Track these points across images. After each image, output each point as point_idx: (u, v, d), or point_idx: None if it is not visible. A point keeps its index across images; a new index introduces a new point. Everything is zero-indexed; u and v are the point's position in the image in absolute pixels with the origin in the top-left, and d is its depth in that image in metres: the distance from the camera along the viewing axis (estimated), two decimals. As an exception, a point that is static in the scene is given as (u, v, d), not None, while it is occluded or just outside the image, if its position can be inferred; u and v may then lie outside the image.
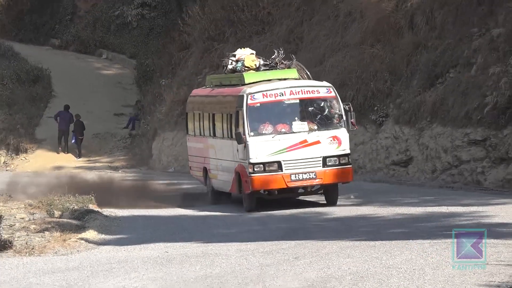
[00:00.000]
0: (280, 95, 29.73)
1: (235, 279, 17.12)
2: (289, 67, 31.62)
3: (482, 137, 34.56)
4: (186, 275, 17.81)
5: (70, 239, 26.00)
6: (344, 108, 29.84)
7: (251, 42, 47.21)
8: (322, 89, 30.21)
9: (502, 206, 27.48)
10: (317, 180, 29.54)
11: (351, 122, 29.81)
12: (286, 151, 29.30)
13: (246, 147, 29.22)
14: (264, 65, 31.43)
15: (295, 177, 29.27)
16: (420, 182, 35.73)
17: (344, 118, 29.71)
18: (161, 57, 58.06)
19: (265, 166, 29.21)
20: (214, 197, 32.37)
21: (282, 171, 29.23)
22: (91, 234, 26.63)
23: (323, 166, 29.36)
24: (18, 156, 52.89)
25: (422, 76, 38.62)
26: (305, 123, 29.75)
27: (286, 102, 29.88)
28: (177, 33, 55.57)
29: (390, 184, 34.13)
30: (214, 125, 31.43)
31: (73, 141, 52.98)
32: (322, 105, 30.16)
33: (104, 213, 29.93)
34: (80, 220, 28.66)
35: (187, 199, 33.92)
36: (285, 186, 29.58)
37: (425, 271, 17.21)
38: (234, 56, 32.04)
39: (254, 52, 32.49)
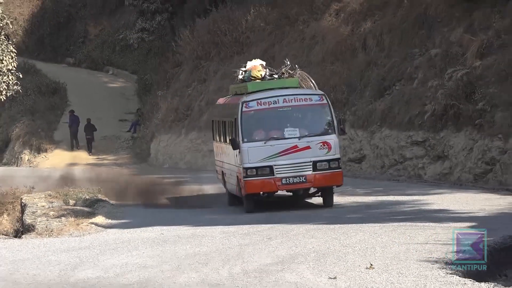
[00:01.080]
0: (273, 103, 27.45)
1: (219, 256, 17.10)
2: (292, 77, 29.12)
3: (422, 138, 34.58)
4: (179, 253, 17.78)
5: (82, 223, 25.98)
6: (335, 115, 27.59)
7: (232, 61, 47.24)
8: (315, 97, 27.78)
9: (438, 196, 27.54)
10: (307, 183, 26.96)
11: (341, 128, 27.50)
12: (278, 156, 26.97)
13: (240, 152, 27.10)
14: (270, 75, 29.01)
15: (286, 181, 26.82)
16: (372, 176, 35.74)
17: (336, 124, 27.28)
18: (158, 73, 57.98)
19: (258, 170, 26.93)
20: (230, 200, 30.14)
21: (273, 175, 26.88)
22: (100, 219, 26.59)
23: (314, 170, 26.76)
24: (39, 155, 52.72)
25: (373, 88, 38.65)
26: (297, 129, 27.31)
27: (279, 109, 27.46)
28: (171, 53, 55.51)
29: (347, 178, 34.02)
30: (225, 131, 29.66)
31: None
32: (314, 112, 27.85)
33: (111, 202, 29.87)
34: (90, 208, 28.63)
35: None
36: (276, 190, 27.32)
37: (376, 249, 17.21)
38: (245, 67, 29.78)
39: (263, 63, 30.11)
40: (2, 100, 23.27)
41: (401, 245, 17.59)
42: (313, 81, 29.66)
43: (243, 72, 29.26)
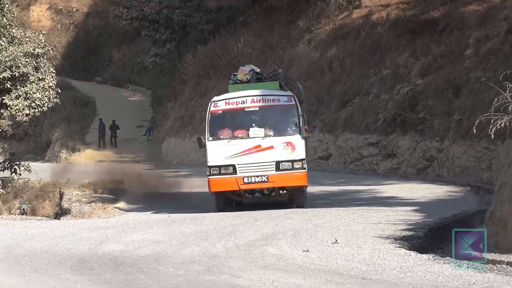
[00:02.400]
0: (241, 103, 23.23)
1: (216, 233, 17.06)
2: (274, 80, 24.67)
3: (376, 140, 34.60)
4: (184, 231, 17.74)
5: (108, 207, 25.95)
6: (302, 117, 23.21)
7: (226, 79, 47.09)
8: (283, 98, 23.36)
9: (389, 186, 27.54)
10: (269, 183, 22.82)
11: (305, 129, 23.04)
12: (241, 155, 22.76)
13: (205, 151, 23.10)
14: (257, 79, 24.61)
15: (248, 180, 22.64)
16: (336, 170, 35.71)
17: (301, 125, 23.03)
18: (167, 89, 57.95)
19: (221, 169, 22.73)
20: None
21: (236, 174, 22.63)
22: (122, 204, 26.57)
23: (276, 170, 22.62)
24: (74, 154, 52.59)
25: (337, 101, 38.66)
26: (262, 129, 23.01)
27: (246, 109, 23.26)
28: (178, 73, 55.44)
29: (317, 171, 34.03)
30: None
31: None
32: (281, 113, 23.46)
33: (130, 191, 29.81)
34: (114, 195, 28.58)
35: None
36: (238, 189, 22.90)
37: (340, 228, 17.18)
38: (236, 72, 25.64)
39: (255, 68, 25.55)
40: (45, 110, 23.14)
41: (360, 225, 17.57)
42: (299, 85, 26.37)
43: (233, 76, 25.19)
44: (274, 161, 22.70)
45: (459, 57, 33.13)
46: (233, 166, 22.67)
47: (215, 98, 23.65)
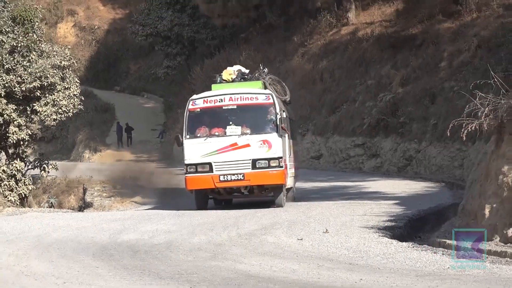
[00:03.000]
0: (219, 101, 20.80)
1: (221, 224, 17.05)
2: (257, 79, 22.21)
3: (362, 142, 34.64)
4: (192, 222, 17.73)
5: (126, 201, 25.96)
6: (279, 115, 20.53)
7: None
8: (261, 96, 20.80)
9: (373, 182, 27.57)
10: (245, 181, 20.35)
11: (282, 127, 20.36)
12: (217, 153, 20.29)
13: (183, 149, 20.84)
14: (242, 79, 22.30)
15: (224, 178, 20.19)
16: (327, 168, 35.73)
17: (278, 124, 20.41)
18: (178, 97, 57.88)
19: (197, 167, 20.36)
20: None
21: (212, 172, 20.20)
22: (138, 199, 26.57)
23: (253, 168, 20.16)
24: (95, 154, 52.56)
25: (328, 107, 38.72)
26: (239, 127, 20.55)
27: (224, 107, 20.78)
28: (187, 83, 55.40)
29: (309, 170, 34.06)
30: None
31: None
32: (258, 111, 20.80)
33: (146, 187, 29.81)
34: (131, 190, 28.57)
35: None
36: (214, 187, 20.45)
37: (330, 219, 17.17)
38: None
39: (242, 69, 23.07)
40: (70, 116, 23.14)
41: (347, 216, 17.56)
42: (284, 85, 23.70)
43: (218, 76, 22.74)
44: (250, 159, 20.27)
45: (434, 69, 33.17)
46: (210, 164, 20.34)
47: (194, 96, 21.45)
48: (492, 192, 13.56)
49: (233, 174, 20.25)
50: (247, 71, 22.89)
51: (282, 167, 20.31)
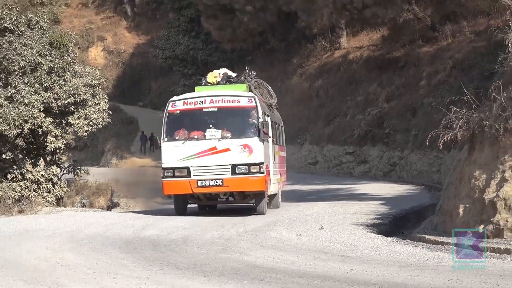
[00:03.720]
0: (200, 103, 17.60)
1: (230, 222, 17.01)
2: (242, 83, 19.11)
3: (352, 150, 34.64)
4: (205, 220, 17.70)
5: (148, 202, 25.88)
6: (262, 119, 17.42)
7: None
8: (244, 99, 17.59)
9: (362, 185, 27.55)
10: (224, 187, 17.31)
11: (263, 131, 17.31)
12: (195, 157, 17.18)
13: (161, 152, 17.75)
14: (227, 81, 19.15)
15: (202, 183, 17.18)
16: (322, 173, 35.71)
17: (260, 128, 17.31)
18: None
19: (175, 171, 17.30)
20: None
21: (190, 176, 17.18)
22: (158, 199, 26.50)
23: (232, 174, 17.08)
24: (122, 160, 52.62)
25: (322, 120, 38.72)
26: (219, 131, 17.41)
27: (204, 110, 17.60)
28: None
29: (307, 174, 34.06)
30: None
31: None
32: (240, 114, 17.63)
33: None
34: (153, 192, 28.51)
35: None
36: (192, 192, 17.50)
37: (324, 217, 17.15)
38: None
39: (228, 72, 19.85)
40: (100, 127, 23.19)
41: (340, 215, 17.54)
42: (270, 89, 20.49)
43: (203, 79, 19.73)
44: (230, 164, 17.18)
45: (415, 87, 33.17)
46: (187, 168, 17.28)
47: (174, 98, 18.32)
48: (465, 194, 13.55)
49: (212, 180, 17.23)
50: (234, 74, 19.88)
51: (263, 173, 17.23)
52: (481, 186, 13.09)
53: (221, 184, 17.20)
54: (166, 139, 17.65)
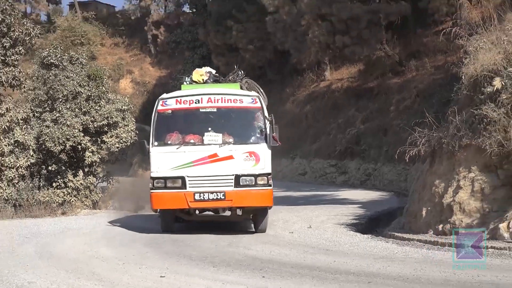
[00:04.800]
0: (195, 102, 12.61)
1: (237, 225, 16.95)
2: (234, 82, 14.17)
3: (335, 163, 34.53)
4: (208, 224, 17.61)
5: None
6: (267, 121, 12.73)
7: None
8: (247, 99, 12.82)
9: (343, 192, 27.45)
10: (226, 201, 12.46)
11: (273, 137, 12.49)
12: (192, 166, 12.25)
13: (149, 159, 12.74)
14: (215, 81, 14.21)
15: (200, 196, 12.30)
16: (310, 182, 35.59)
17: (268, 132, 12.55)
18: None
19: (167, 181, 12.33)
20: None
21: (185, 188, 12.29)
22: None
23: (235, 186, 12.26)
24: (146, 171, 52.38)
25: (310, 139, 38.62)
26: (220, 135, 12.46)
27: (201, 110, 12.63)
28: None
29: (297, 183, 33.98)
30: None
31: None
32: (243, 116, 12.81)
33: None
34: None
35: None
36: (187, 207, 12.60)
37: (312, 218, 17.11)
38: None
39: (212, 71, 14.83)
40: (128, 145, 23.29)
41: (325, 216, 17.50)
42: (260, 89, 14.96)
43: (187, 77, 14.65)
44: (233, 175, 12.32)
45: (386, 111, 33.19)
46: (182, 178, 12.34)
47: (164, 96, 13.18)
48: (427, 198, 13.56)
49: (212, 193, 12.37)
50: (213, 71, 14.99)
51: (271, 185, 12.48)
52: (440, 192, 13.11)
53: (222, 198, 12.37)
54: (156, 143, 12.66)
